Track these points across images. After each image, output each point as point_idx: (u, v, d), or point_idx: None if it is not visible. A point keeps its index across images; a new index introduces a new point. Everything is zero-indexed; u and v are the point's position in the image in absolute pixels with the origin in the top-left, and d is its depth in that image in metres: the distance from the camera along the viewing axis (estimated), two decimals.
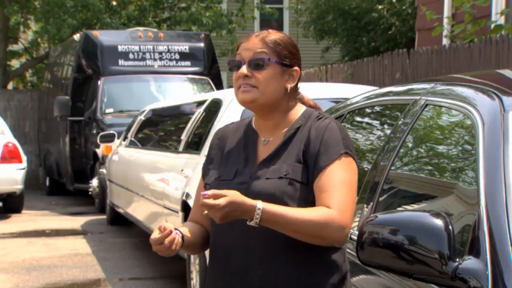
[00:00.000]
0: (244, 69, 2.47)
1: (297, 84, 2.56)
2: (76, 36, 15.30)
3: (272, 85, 2.47)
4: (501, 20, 9.45)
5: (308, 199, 2.40)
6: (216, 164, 2.57)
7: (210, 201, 2.23)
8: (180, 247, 2.40)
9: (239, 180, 2.47)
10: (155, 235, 2.33)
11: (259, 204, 2.27)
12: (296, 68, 2.53)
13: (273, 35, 2.51)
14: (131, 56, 14.11)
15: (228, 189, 2.44)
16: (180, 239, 2.38)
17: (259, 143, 2.54)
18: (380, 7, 15.90)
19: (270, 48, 2.48)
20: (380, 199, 3.13)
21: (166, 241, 2.33)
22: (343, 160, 2.41)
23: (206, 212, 2.26)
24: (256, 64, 2.47)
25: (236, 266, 2.44)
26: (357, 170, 2.45)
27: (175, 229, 2.38)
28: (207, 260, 2.62)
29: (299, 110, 2.55)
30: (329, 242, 2.35)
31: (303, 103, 2.60)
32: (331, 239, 2.33)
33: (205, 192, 2.25)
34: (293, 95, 2.55)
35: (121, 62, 14.00)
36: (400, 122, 3.31)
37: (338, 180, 2.37)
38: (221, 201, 2.23)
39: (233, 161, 2.52)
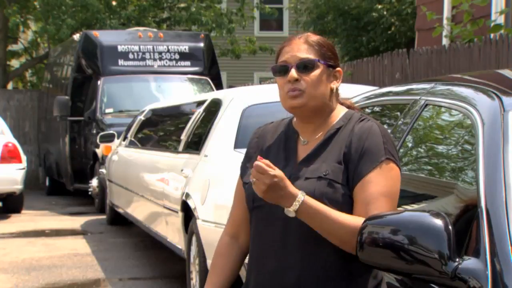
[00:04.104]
0: (293, 73, 2.44)
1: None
2: (76, 36, 15.29)
3: (320, 87, 2.46)
4: (501, 20, 9.44)
5: (347, 200, 2.38)
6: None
7: (265, 166, 2.26)
8: None
9: None
10: None
11: (301, 194, 2.29)
12: (339, 68, 2.53)
13: (314, 37, 2.50)
14: (131, 56, 14.11)
15: None
16: None
17: (298, 143, 2.53)
18: (380, 7, 15.88)
19: (315, 49, 2.47)
20: None
21: None
22: (384, 167, 2.38)
23: (254, 180, 2.27)
24: (305, 67, 2.44)
25: (273, 266, 2.43)
26: (399, 176, 2.42)
27: None
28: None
29: (339, 111, 2.54)
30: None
31: (341, 103, 2.59)
32: None
33: (261, 159, 2.28)
34: (336, 97, 2.55)
35: (121, 62, 14.00)
36: (400, 122, 3.31)
37: (377, 192, 2.36)
38: (274, 171, 2.26)
39: (272, 160, 2.46)
